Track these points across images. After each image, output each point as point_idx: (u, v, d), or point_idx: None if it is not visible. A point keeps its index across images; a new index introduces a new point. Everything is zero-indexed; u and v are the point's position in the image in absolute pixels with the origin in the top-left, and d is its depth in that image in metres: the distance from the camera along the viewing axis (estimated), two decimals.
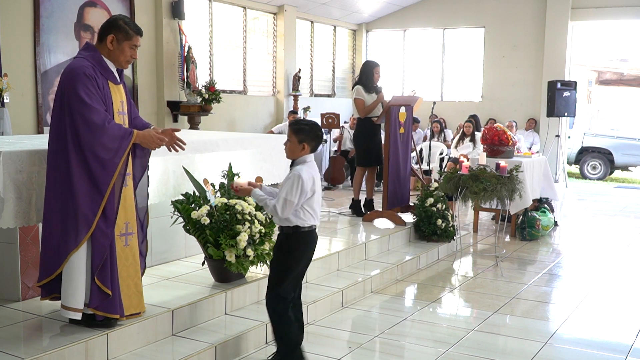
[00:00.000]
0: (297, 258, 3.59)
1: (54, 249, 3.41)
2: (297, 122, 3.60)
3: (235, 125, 11.38)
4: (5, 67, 7.57)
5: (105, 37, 3.53)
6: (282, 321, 3.60)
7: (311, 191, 3.49)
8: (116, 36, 3.51)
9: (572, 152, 15.13)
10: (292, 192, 3.42)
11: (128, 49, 3.56)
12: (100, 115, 3.36)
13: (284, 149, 3.60)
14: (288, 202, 3.43)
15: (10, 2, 7.83)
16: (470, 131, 10.34)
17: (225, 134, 6.32)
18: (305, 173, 3.45)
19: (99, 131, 3.34)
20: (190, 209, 4.31)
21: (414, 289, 5.55)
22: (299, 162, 3.53)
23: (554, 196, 8.39)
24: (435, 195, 6.62)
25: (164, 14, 9.77)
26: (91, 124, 3.33)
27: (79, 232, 3.38)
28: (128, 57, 3.59)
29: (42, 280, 3.47)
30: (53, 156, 3.42)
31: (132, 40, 3.55)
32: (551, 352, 4.09)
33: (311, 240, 3.62)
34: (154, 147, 3.62)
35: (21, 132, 7.56)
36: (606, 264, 6.50)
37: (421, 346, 4.17)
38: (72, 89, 3.35)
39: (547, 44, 13.03)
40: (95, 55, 3.52)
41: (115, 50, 3.53)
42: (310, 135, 3.53)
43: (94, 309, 3.45)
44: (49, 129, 3.49)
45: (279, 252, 3.63)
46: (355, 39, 15.12)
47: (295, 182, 3.42)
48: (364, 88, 7.06)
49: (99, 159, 3.36)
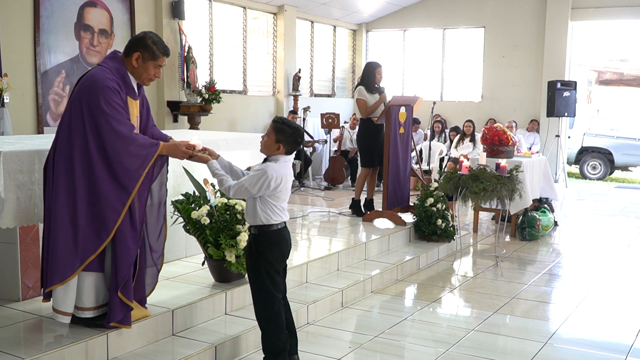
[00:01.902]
0: (268, 259, 3.49)
1: (68, 253, 3.35)
2: (283, 121, 3.52)
3: (235, 125, 11.38)
4: (5, 67, 7.57)
5: (131, 54, 3.50)
6: (271, 327, 3.53)
7: (274, 188, 3.42)
8: (142, 55, 3.49)
9: (572, 152, 15.13)
10: (253, 184, 3.38)
11: (152, 69, 3.54)
12: (127, 126, 3.36)
13: (260, 141, 3.54)
14: (243, 189, 3.41)
15: (10, 2, 7.83)
16: (471, 131, 10.35)
17: (225, 134, 6.32)
18: (272, 171, 3.39)
19: (128, 140, 3.33)
20: (190, 209, 4.31)
21: (414, 289, 5.55)
22: (271, 159, 3.49)
23: (554, 196, 8.39)
24: (435, 195, 6.62)
25: (164, 14, 9.77)
26: (119, 134, 3.31)
27: (100, 237, 3.36)
28: (151, 76, 3.57)
29: (53, 286, 3.39)
30: (64, 165, 3.36)
31: (157, 61, 3.54)
32: (551, 352, 4.09)
33: (281, 239, 3.53)
34: (181, 157, 3.62)
35: (21, 132, 7.56)
36: (606, 264, 6.50)
37: (421, 346, 4.17)
38: (96, 101, 3.31)
39: (547, 44, 13.03)
40: (121, 70, 3.49)
41: (140, 68, 3.51)
42: (289, 140, 3.47)
43: (117, 322, 3.44)
44: (56, 137, 3.42)
45: (249, 255, 3.55)
46: (355, 39, 15.12)
47: (262, 178, 3.37)
48: (366, 88, 7.08)
49: (124, 167, 3.35)
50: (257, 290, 3.55)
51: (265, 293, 3.52)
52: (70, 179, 3.35)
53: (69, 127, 3.37)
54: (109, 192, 3.36)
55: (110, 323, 3.45)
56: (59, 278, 3.37)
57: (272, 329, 3.53)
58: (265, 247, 3.49)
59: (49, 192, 3.42)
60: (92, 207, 3.37)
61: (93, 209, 3.37)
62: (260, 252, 3.50)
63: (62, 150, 3.38)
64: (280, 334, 3.53)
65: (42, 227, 3.54)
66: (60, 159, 3.38)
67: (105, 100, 3.32)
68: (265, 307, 3.53)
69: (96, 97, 3.32)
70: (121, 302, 3.43)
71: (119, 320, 3.45)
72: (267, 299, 3.52)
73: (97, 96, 3.32)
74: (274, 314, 3.52)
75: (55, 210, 3.36)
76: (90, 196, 3.36)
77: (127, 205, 3.39)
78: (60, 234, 3.36)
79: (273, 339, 3.53)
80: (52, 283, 3.39)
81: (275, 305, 3.52)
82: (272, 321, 3.53)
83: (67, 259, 3.36)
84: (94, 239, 3.38)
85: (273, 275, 3.53)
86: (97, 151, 3.33)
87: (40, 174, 3.62)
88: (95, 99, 3.31)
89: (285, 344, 3.55)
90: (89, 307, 3.51)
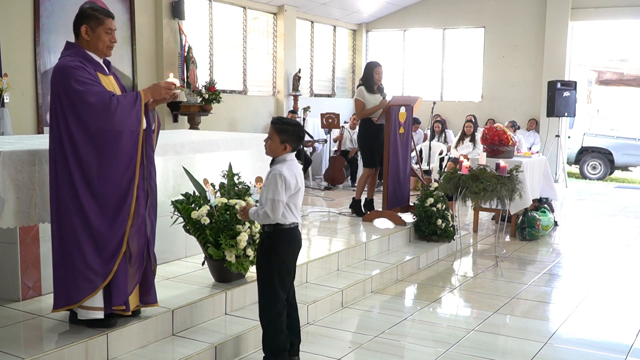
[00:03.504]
0: (281, 257, 3.52)
1: (96, 256, 3.38)
2: (281, 121, 3.53)
3: (235, 125, 11.38)
4: (5, 67, 7.57)
5: (79, 30, 3.50)
6: (271, 326, 3.53)
7: (295, 188, 3.45)
8: (89, 25, 3.48)
9: (572, 152, 15.13)
10: (278, 191, 3.37)
11: (104, 35, 3.51)
12: (103, 95, 3.34)
13: (264, 146, 3.54)
14: (276, 202, 3.38)
15: (10, 2, 7.83)
16: (471, 131, 10.34)
17: (225, 134, 6.32)
18: (287, 171, 3.41)
19: (110, 107, 3.31)
20: (190, 209, 4.30)
21: (414, 289, 5.55)
22: (279, 160, 3.49)
23: (554, 196, 8.39)
24: (435, 195, 6.62)
25: (164, 14, 9.77)
26: (96, 104, 3.30)
27: (123, 223, 3.40)
28: (107, 43, 3.54)
29: (88, 296, 3.40)
30: (62, 160, 3.37)
31: (105, 25, 3.51)
32: (551, 352, 4.08)
33: (294, 238, 3.55)
34: (165, 96, 3.56)
35: (21, 132, 7.56)
36: (606, 264, 6.50)
37: (421, 346, 4.17)
38: (67, 84, 3.32)
39: (547, 44, 13.03)
40: (78, 51, 3.49)
41: (93, 39, 3.49)
42: (293, 137, 3.49)
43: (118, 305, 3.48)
44: (49, 137, 3.45)
45: (261, 253, 3.56)
46: (355, 39, 15.12)
47: (279, 180, 3.37)
48: (365, 89, 7.08)
49: (115, 132, 3.34)
50: (263, 288, 3.56)
51: (270, 291, 3.52)
52: (68, 174, 3.37)
53: (56, 123, 3.38)
54: (112, 176, 3.37)
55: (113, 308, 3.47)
56: (90, 287, 3.40)
57: (272, 328, 3.53)
58: (279, 244, 3.50)
59: (53, 188, 3.43)
60: (100, 197, 3.37)
61: (101, 200, 3.37)
62: (273, 250, 3.50)
63: (52, 149, 3.40)
64: (280, 334, 3.53)
65: (51, 232, 3.52)
66: (55, 157, 3.39)
67: (75, 79, 3.32)
68: (268, 306, 3.53)
69: (66, 81, 3.33)
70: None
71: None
72: (271, 297, 3.52)
73: (67, 79, 3.33)
74: (275, 314, 3.52)
75: (65, 222, 3.38)
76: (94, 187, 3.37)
77: (136, 177, 3.41)
78: (69, 243, 3.38)
79: (273, 338, 3.54)
80: (82, 296, 3.40)
81: (278, 305, 3.52)
82: (272, 320, 3.53)
83: (97, 260, 3.39)
84: (117, 228, 3.40)
85: (283, 274, 3.54)
86: (83, 135, 3.33)
87: (40, 174, 3.62)
88: (66, 82, 3.32)
89: (285, 344, 3.55)
90: (99, 306, 3.48)
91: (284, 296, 3.57)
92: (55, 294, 3.47)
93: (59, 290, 3.45)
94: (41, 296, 4.02)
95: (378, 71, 7.12)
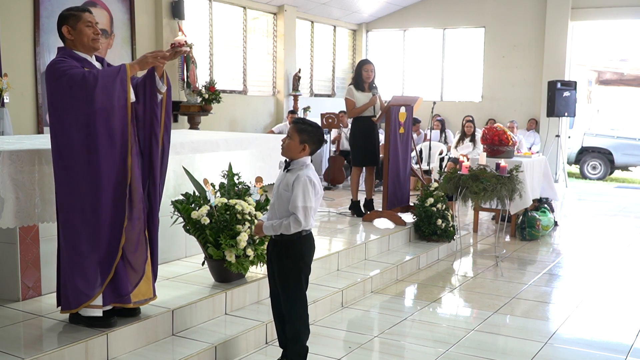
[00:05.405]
0: (307, 262, 3.49)
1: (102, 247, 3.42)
2: (303, 121, 3.48)
3: (235, 125, 11.38)
4: (5, 67, 7.57)
5: (62, 32, 3.54)
6: (305, 331, 3.52)
7: (318, 193, 3.40)
8: (68, 24, 3.52)
9: (572, 152, 15.13)
10: (310, 197, 3.31)
11: (85, 28, 3.53)
12: (78, 73, 3.35)
13: (281, 145, 3.45)
14: (308, 209, 3.31)
15: (10, 2, 7.83)
16: (471, 131, 10.33)
17: (225, 134, 6.32)
18: (313, 176, 3.37)
19: (86, 83, 3.33)
20: (190, 209, 4.30)
21: (414, 289, 5.55)
22: (300, 165, 3.39)
23: (554, 196, 8.39)
24: (435, 195, 6.62)
25: (164, 14, 9.77)
26: (74, 84, 3.33)
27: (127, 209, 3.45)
28: (91, 35, 3.55)
29: (101, 288, 3.44)
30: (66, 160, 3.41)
31: (83, 19, 3.53)
32: (551, 352, 4.08)
33: (313, 243, 3.54)
34: (156, 62, 3.58)
35: (21, 132, 7.56)
36: (606, 264, 6.50)
37: (421, 346, 4.17)
38: (57, 77, 3.36)
39: (547, 44, 13.03)
40: (65, 52, 3.53)
41: (76, 36, 3.52)
42: (314, 138, 3.42)
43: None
44: (51, 139, 3.48)
45: (287, 260, 3.43)
46: (355, 39, 15.12)
47: (309, 186, 3.31)
48: (355, 87, 7.05)
49: (102, 110, 3.35)
50: (294, 295, 3.48)
51: (302, 298, 3.50)
52: (65, 171, 3.40)
53: (54, 118, 3.45)
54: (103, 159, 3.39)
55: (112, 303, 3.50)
56: (102, 277, 3.43)
57: (307, 333, 3.54)
58: (305, 250, 3.46)
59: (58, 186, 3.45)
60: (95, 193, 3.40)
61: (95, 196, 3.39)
62: (301, 256, 3.45)
63: (55, 144, 3.44)
64: (307, 338, 3.56)
65: (57, 232, 3.54)
66: (58, 155, 3.42)
67: (57, 74, 3.36)
68: (302, 312, 3.50)
69: (57, 76, 3.36)
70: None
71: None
72: (303, 303, 3.51)
73: (57, 74, 3.36)
74: (307, 318, 3.53)
75: (67, 215, 3.41)
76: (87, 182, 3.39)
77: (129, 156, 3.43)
78: (77, 236, 3.41)
79: (304, 343, 3.54)
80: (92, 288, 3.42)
81: (307, 309, 3.53)
82: (306, 326, 3.53)
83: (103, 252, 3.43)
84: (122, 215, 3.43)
85: (307, 280, 3.53)
86: (78, 131, 3.36)
87: (40, 174, 3.63)
88: (57, 77, 3.36)
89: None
90: (98, 304, 3.48)
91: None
92: (64, 295, 3.50)
93: (66, 291, 3.48)
94: (41, 296, 4.02)
95: (367, 69, 7.05)
